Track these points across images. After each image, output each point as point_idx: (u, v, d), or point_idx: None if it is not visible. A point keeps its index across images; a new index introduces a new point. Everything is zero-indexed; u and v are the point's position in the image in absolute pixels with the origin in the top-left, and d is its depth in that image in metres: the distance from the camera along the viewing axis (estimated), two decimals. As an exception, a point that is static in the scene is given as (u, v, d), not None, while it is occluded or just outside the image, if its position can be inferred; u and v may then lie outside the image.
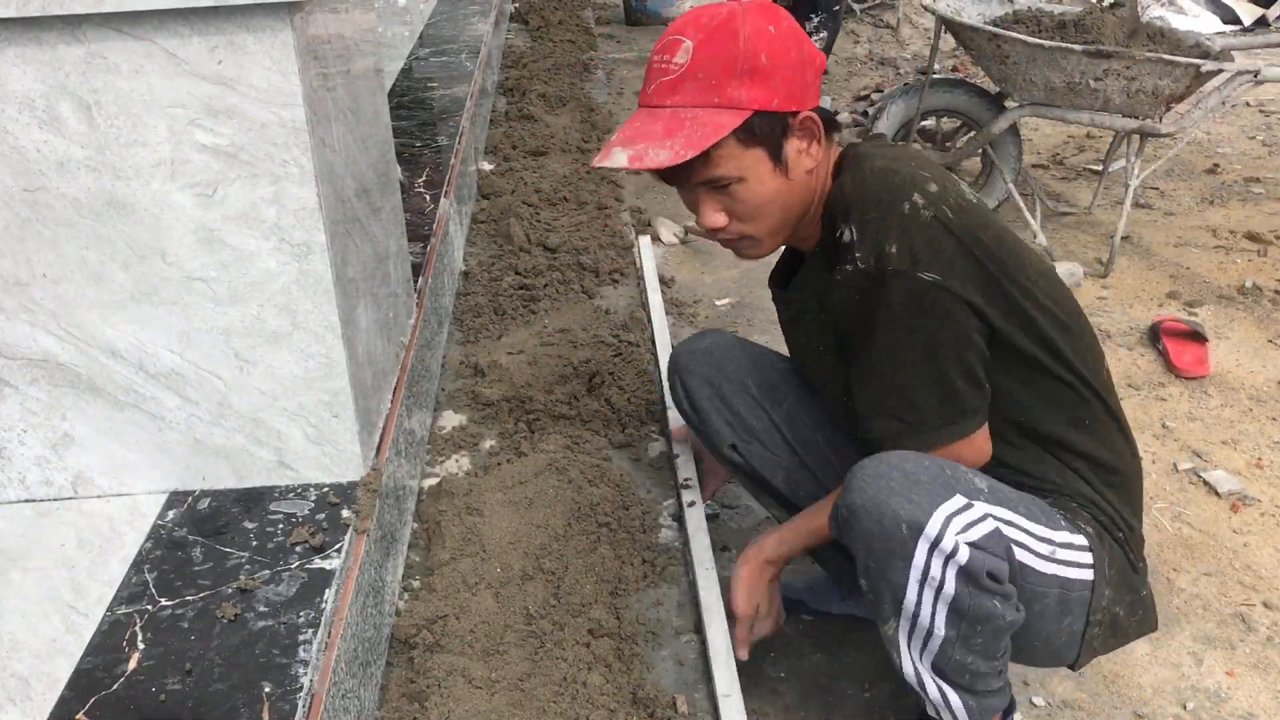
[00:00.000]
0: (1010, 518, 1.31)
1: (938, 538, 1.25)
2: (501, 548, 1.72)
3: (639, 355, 2.30)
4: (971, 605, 1.26)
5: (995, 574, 1.26)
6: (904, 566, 1.27)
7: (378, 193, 1.73)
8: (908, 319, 1.28)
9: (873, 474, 1.30)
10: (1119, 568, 1.39)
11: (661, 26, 6.30)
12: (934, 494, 1.27)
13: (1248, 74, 2.83)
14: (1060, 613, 1.35)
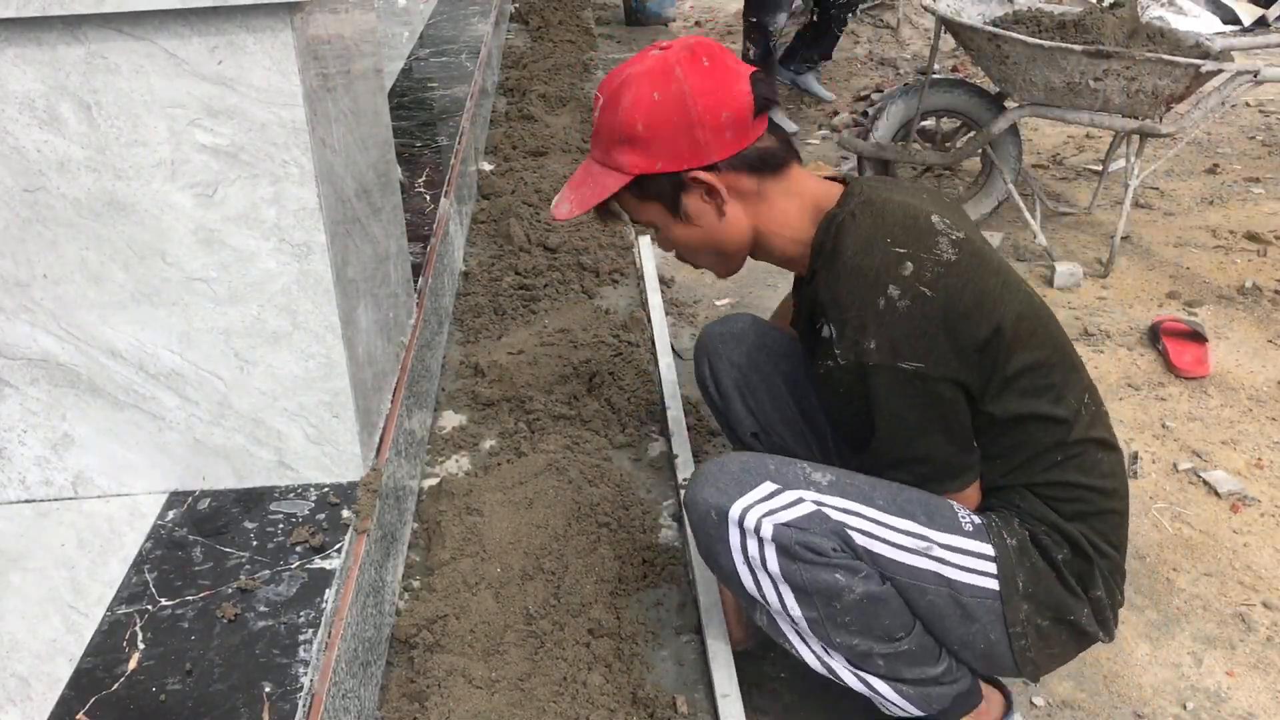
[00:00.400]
0: (850, 506, 1.34)
1: (741, 518, 1.32)
2: (501, 548, 1.72)
3: (639, 355, 2.30)
4: (808, 580, 1.30)
5: (812, 547, 1.29)
6: (726, 550, 1.34)
7: (378, 193, 1.73)
8: (894, 403, 1.31)
9: (698, 472, 1.40)
10: (1043, 587, 1.37)
11: (662, 27, 6.30)
12: (742, 482, 1.35)
13: (1248, 74, 2.83)
14: (961, 616, 1.35)
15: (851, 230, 1.34)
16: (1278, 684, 1.75)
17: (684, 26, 6.60)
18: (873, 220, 1.35)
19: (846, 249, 1.33)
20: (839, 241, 1.34)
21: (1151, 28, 3.10)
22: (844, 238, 1.34)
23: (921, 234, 1.33)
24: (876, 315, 1.28)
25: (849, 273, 1.31)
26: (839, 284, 1.32)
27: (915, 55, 5.48)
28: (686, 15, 6.81)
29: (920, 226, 1.34)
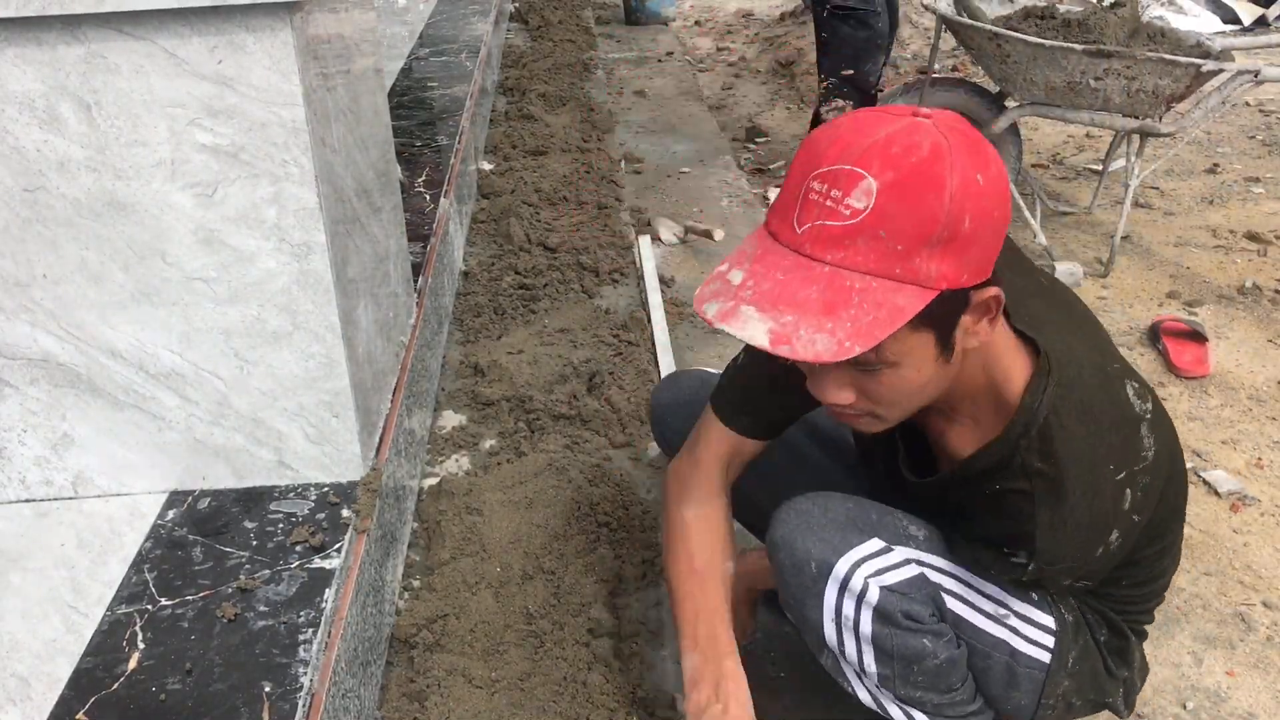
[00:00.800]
0: (947, 568, 1.28)
1: (846, 578, 1.23)
2: (501, 547, 1.72)
3: (639, 355, 2.30)
4: (896, 645, 1.25)
5: (912, 615, 1.24)
6: (817, 605, 1.26)
7: (378, 192, 1.73)
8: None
9: (796, 510, 1.29)
10: (1090, 667, 1.34)
11: (662, 26, 6.29)
12: (848, 535, 1.25)
13: (1248, 74, 2.83)
14: (1007, 683, 1.31)
15: (1068, 448, 1.11)
16: (1278, 683, 1.75)
17: (683, 26, 6.60)
18: (1085, 430, 1.12)
19: (1072, 490, 1.11)
20: (1056, 465, 1.11)
21: (1152, 27, 3.10)
22: (1062, 465, 1.11)
23: (1130, 435, 1.15)
24: (1090, 560, 1.17)
25: (1076, 528, 1.13)
26: (1061, 538, 1.13)
27: (915, 55, 5.48)
28: (686, 15, 6.81)
29: (1127, 418, 1.15)
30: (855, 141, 1.01)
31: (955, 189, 0.98)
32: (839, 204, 1.00)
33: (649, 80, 5.19)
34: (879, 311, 1.00)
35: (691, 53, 5.92)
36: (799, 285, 1.02)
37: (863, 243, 1.00)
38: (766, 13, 6.64)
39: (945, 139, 1.01)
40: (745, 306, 1.03)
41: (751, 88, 5.36)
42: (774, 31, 6.14)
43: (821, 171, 1.02)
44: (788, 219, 1.05)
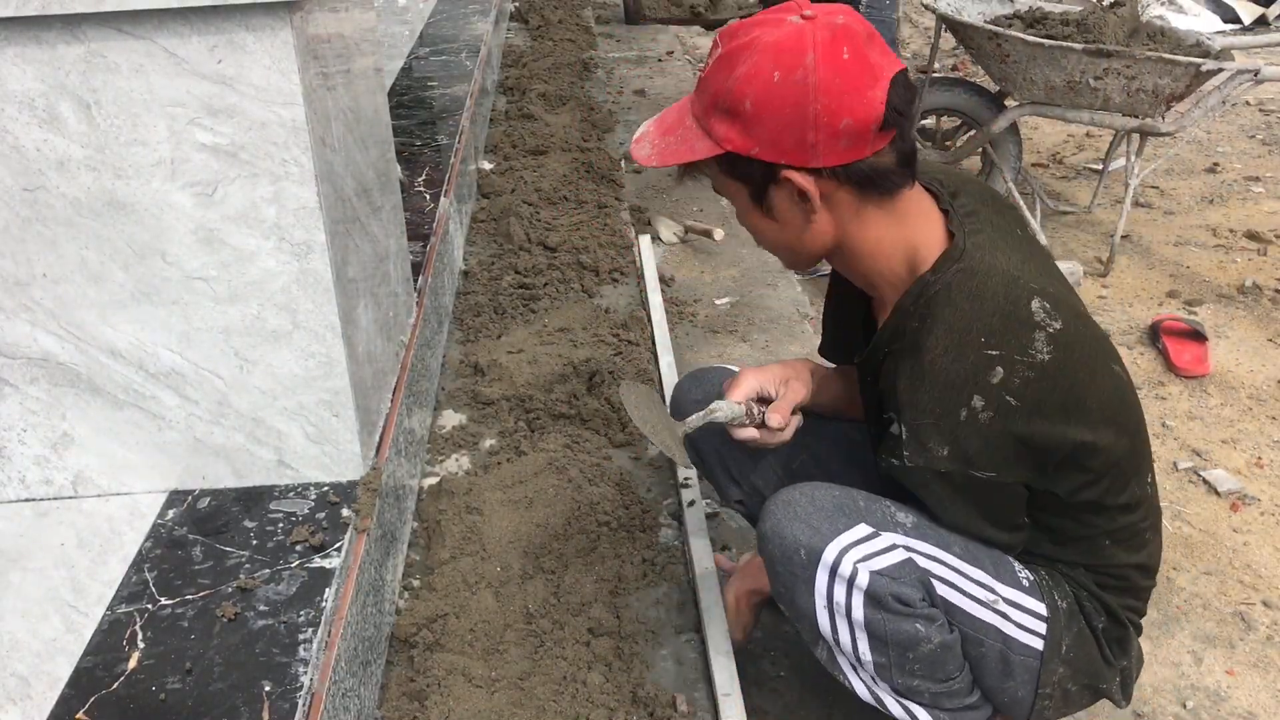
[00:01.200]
0: (934, 553, 1.30)
1: (835, 563, 1.26)
2: (501, 547, 1.72)
3: (639, 355, 2.30)
4: (890, 630, 1.26)
5: (902, 599, 1.26)
6: (808, 592, 1.28)
7: (378, 192, 1.73)
8: (958, 502, 1.28)
9: (783, 500, 1.32)
10: (1084, 654, 1.35)
11: (662, 26, 6.30)
12: (835, 522, 1.28)
13: (1248, 73, 2.83)
14: (1002, 672, 1.32)
15: (944, 315, 1.21)
16: (1278, 683, 1.75)
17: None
18: (969, 305, 1.20)
19: (934, 344, 1.20)
20: (927, 326, 1.21)
21: (1152, 26, 3.10)
22: (933, 324, 1.21)
23: (1018, 328, 1.20)
24: (955, 425, 1.20)
25: (933, 377, 1.20)
26: (919, 386, 1.21)
27: (915, 54, 5.48)
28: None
29: (1019, 317, 1.20)
30: (744, 21, 1.25)
31: (740, 74, 1.19)
32: (705, 60, 1.27)
33: (649, 80, 5.19)
34: (682, 145, 1.26)
35: (691, 52, 5.92)
36: (674, 109, 1.31)
37: (698, 93, 1.27)
38: (766, 12, 6.64)
39: (774, 35, 1.19)
40: (648, 123, 1.33)
41: (751, 87, 5.35)
42: (774, 31, 6.13)
43: (723, 29, 1.28)
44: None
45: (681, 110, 1.30)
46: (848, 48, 1.18)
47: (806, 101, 1.17)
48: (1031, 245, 1.33)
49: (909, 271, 1.27)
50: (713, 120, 1.23)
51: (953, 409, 1.20)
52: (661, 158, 1.27)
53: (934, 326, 1.20)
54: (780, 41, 1.18)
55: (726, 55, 1.21)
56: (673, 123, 1.29)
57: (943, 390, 1.20)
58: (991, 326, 1.20)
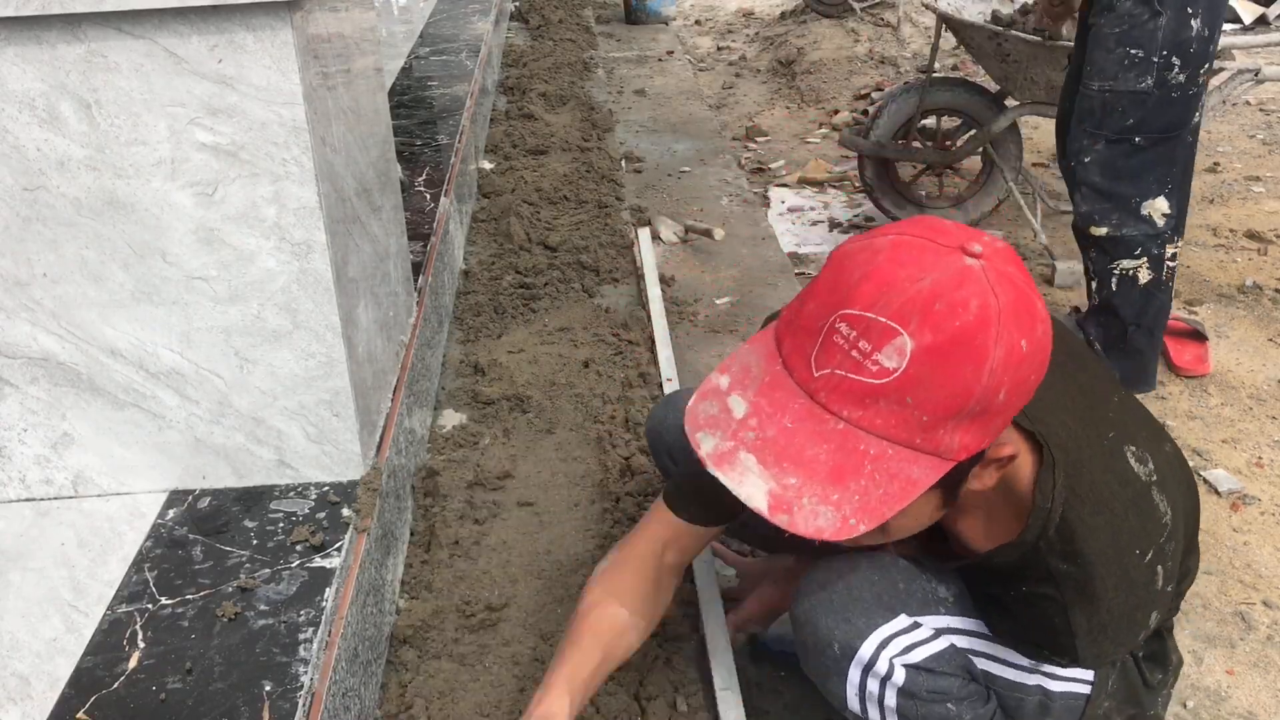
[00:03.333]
0: (977, 628, 1.25)
1: (871, 661, 1.20)
2: (501, 547, 1.71)
3: (639, 354, 2.30)
4: (921, 714, 1.23)
5: (939, 690, 1.22)
6: (840, 683, 1.23)
7: (378, 192, 1.73)
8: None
9: (818, 583, 1.25)
10: (1127, 683, 1.31)
11: (662, 26, 6.29)
12: (873, 616, 1.21)
13: (1248, 73, 2.83)
14: (1039, 713, 1.29)
15: (1090, 545, 1.06)
16: (1278, 683, 1.75)
17: (683, 25, 6.60)
18: (1103, 521, 1.07)
19: (1103, 588, 1.06)
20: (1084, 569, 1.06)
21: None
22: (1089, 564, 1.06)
23: (1145, 507, 1.09)
24: (1134, 640, 1.17)
25: (1115, 624, 1.10)
26: (1104, 638, 1.10)
27: (916, 54, 5.48)
28: (686, 14, 6.81)
29: (1137, 491, 1.09)
30: (894, 285, 0.91)
31: (997, 362, 0.90)
32: (866, 358, 0.91)
33: (649, 79, 5.19)
34: (890, 485, 0.92)
35: (691, 52, 5.92)
36: (807, 441, 0.93)
37: (885, 406, 0.91)
38: (766, 12, 6.64)
39: (995, 295, 0.90)
40: (745, 454, 0.95)
41: (751, 87, 5.36)
42: (774, 31, 6.14)
43: (851, 314, 0.92)
44: (804, 355, 0.95)
45: (835, 439, 0.93)
46: (1021, 272, 0.95)
47: (1045, 362, 0.95)
48: (1070, 359, 1.17)
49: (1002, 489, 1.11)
50: (944, 431, 0.92)
51: (1135, 636, 1.16)
52: (871, 514, 0.92)
53: (1091, 566, 1.06)
54: (1011, 302, 0.91)
55: (950, 344, 0.89)
56: (836, 461, 0.93)
57: (1126, 628, 1.12)
58: (1133, 528, 1.08)
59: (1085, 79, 2.09)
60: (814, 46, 5.61)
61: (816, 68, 5.33)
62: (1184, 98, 2.04)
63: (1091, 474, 1.08)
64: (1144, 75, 2.01)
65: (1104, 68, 2.04)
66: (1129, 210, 2.11)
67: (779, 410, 0.95)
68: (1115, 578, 1.07)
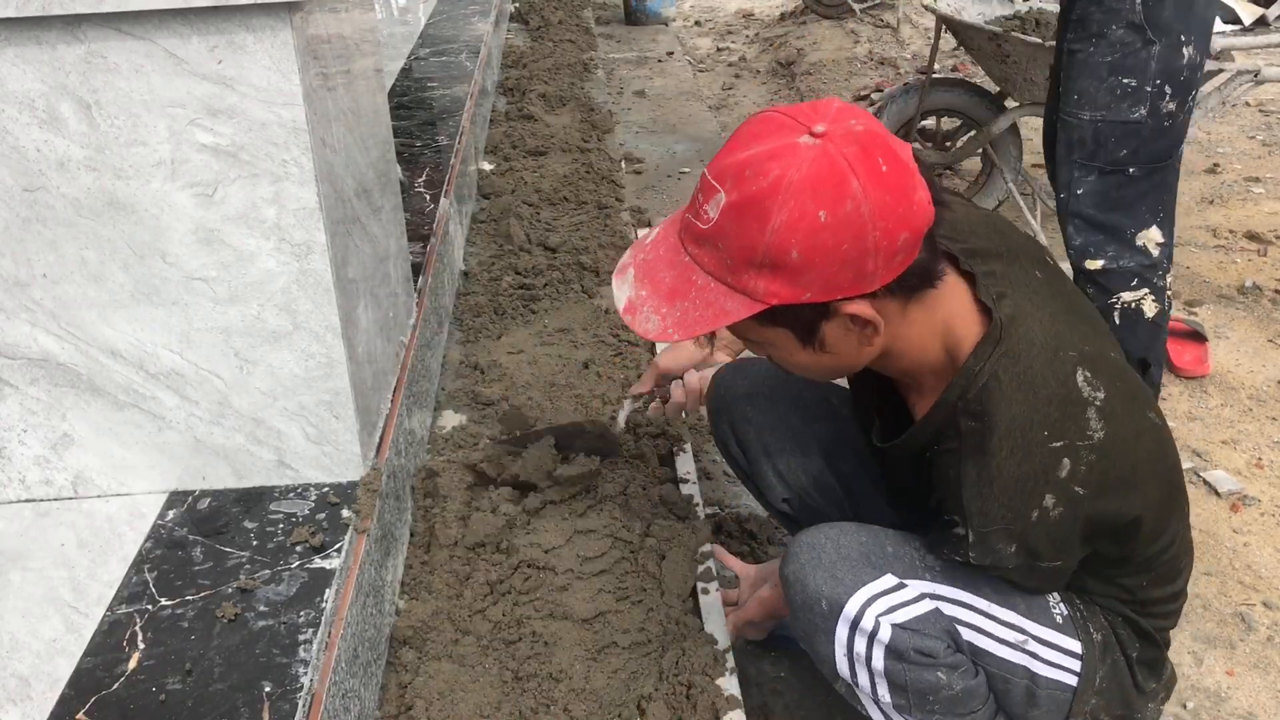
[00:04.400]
0: (963, 598, 1.28)
1: (857, 618, 1.24)
2: (501, 547, 1.71)
3: (639, 355, 2.30)
4: (910, 679, 1.25)
5: (925, 650, 1.24)
6: (828, 641, 1.27)
7: (378, 192, 1.73)
8: (1013, 578, 1.26)
9: (807, 544, 1.30)
10: (1118, 684, 1.33)
11: (662, 26, 6.30)
12: (860, 572, 1.26)
13: (1248, 74, 2.83)
14: (1027, 703, 1.30)
15: (1001, 412, 1.15)
16: (1278, 683, 1.75)
17: (683, 26, 6.60)
18: (1023, 397, 1.15)
19: (998, 447, 1.14)
20: (987, 426, 1.15)
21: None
22: (993, 424, 1.15)
23: (1074, 412, 1.16)
24: (1025, 527, 1.17)
25: (1002, 483, 1.15)
26: (988, 494, 1.16)
27: (915, 55, 5.48)
28: (686, 15, 6.81)
29: (1071, 399, 1.16)
30: (732, 153, 1.10)
31: (781, 223, 1.05)
32: (701, 208, 1.11)
33: (649, 80, 5.19)
34: (706, 310, 1.11)
35: (691, 53, 5.92)
36: (663, 266, 1.15)
37: (709, 248, 1.11)
38: (766, 13, 6.65)
39: (799, 169, 1.04)
40: (631, 269, 1.18)
41: (751, 88, 5.36)
42: (774, 31, 6.14)
43: (706, 173, 1.12)
44: (689, 205, 1.15)
45: (680, 267, 1.14)
46: (881, 156, 1.06)
47: (865, 233, 1.05)
48: (1053, 282, 1.28)
49: (948, 358, 1.21)
50: (745, 277, 1.09)
51: (1024, 513, 1.16)
52: (685, 329, 1.11)
53: (994, 426, 1.15)
54: (813, 175, 1.04)
55: (744, 204, 1.06)
56: (674, 284, 1.13)
57: (1013, 496, 1.15)
58: (1050, 418, 1.15)
59: (1072, 108, 2.00)
60: (814, 47, 5.61)
61: (816, 69, 5.33)
62: (1175, 125, 1.99)
63: (1032, 363, 1.16)
64: (1137, 105, 1.95)
65: (1095, 98, 1.97)
66: (1124, 241, 2.07)
67: (660, 241, 1.18)
68: (1012, 442, 1.14)
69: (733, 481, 2.18)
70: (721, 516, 2.01)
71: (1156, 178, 2.02)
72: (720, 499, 2.12)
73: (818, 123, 1.07)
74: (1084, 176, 2.03)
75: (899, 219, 1.07)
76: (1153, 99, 1.93)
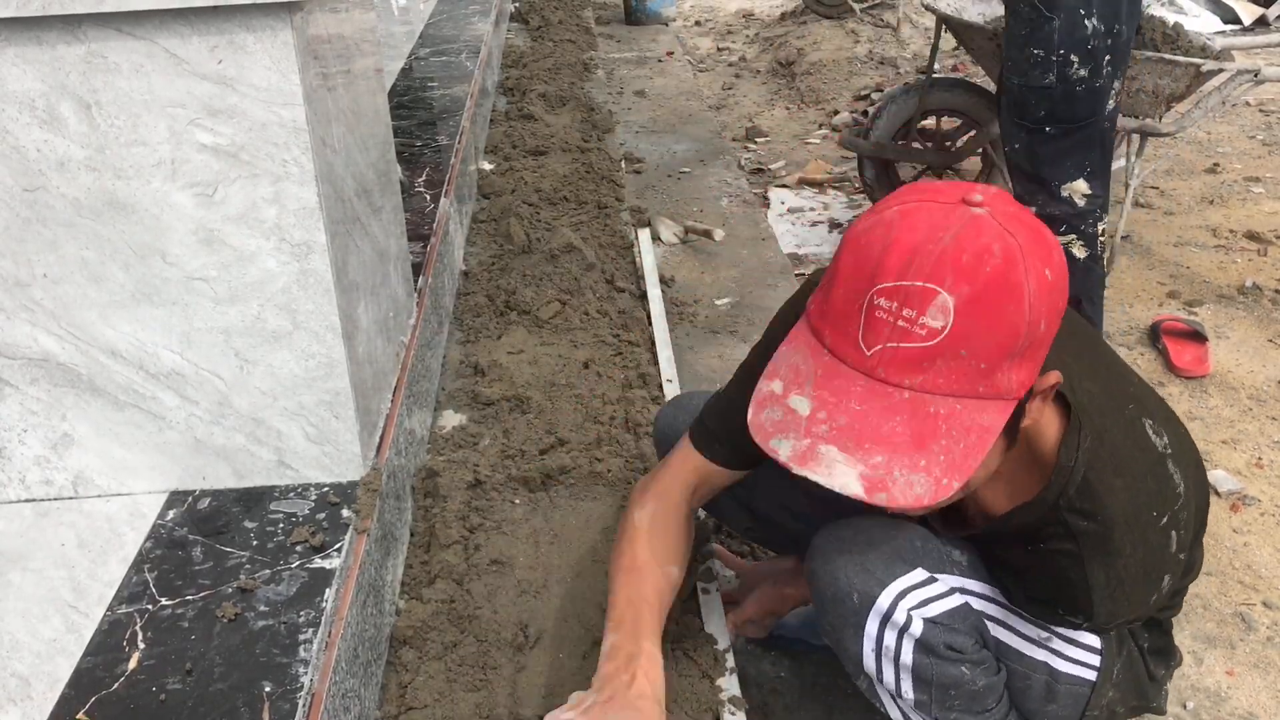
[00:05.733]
0: (990, 594, 1.27)
1: (889, 611, 1.22)
2: (501, 547, 1.71)
3: (639, 355, 2.30)
4: (936, 673, 1.24)
5: (955, 646, 1.24)
6: (857, 635, 1.25)
7: (378, 192, 1.73)
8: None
9: (836, 538, 1.27)
10: (1133, 675, 1.33)
11: (662, 26, 6.29)
12: (892, 566, 1.23)
13: (1248, 74, 2.83)
14: (1045, 698, 1.30)
15: (1110, 507, 1.09)
16: (1278, 683, 1.75)
17: (683, 26, 6.60)
18: (1123, 483, 1.10)
19: (1122, 544, 1.09)
20: (1103, 526, 1.09)
21: (1165, 23, 3.09)
22: (1108, 522, 1.08)
23: (1162, 475, 1.12)
24: (1146, 611, 1.18)
25: (1132, 581, 1.11)
26: (1120, 596, 1.11)
27: (915, 55, 5.48)
28: (686, 15, 6.81)
29: (1154, 459, 1.12)
30: (919, 249, 0.95)
31: (1033, 294, 0.94)
32: (913, 324, 0.94)
33: (649, 80, 5.19)
34: (968, 437, 0.95)
35: (691, 53, 5.92)
36: (880, 417, 0.96)
37: (943, 364, 0.94)
38: (766, 13, 6.65)
39: (1011, 235, 0.95)
40: (824, 446, 0.97)
41: (751, 88, 5.36)
42: (774, 31, 6.14)
43: (886, 287, 0.95)
44: (851, 337, 0.97)
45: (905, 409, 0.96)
46: (1021, 209, 1.01)
47: (1066, 287, 1.00)
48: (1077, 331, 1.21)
49: (1025, 444, 1.13)
50: (1002, 373, 0.96)
51: (1149, 598, 1.15)
52: (959, 470, 0.96)
53: (1112, 523, 1.09)
54: (1024, 235, 0.96)
55: (986, 290, 0.93)
56: (914, 429, 0.96)
57: (1141, 590, 1.13)
58: (1151, 491, 1.11)
59: (1007, 73, 2.29)
60: (814, 47, 5.61)
61: (816, 69, 5.33)
62: (1090, 90, 2.19)
63: (1114, 439, 1.11)
64: (1046, 72, 2.18)
65: (1018, 64, 2.23)
66: (1050, 192, 2.29)
67: (843, 397, 0.97)
68: (1133, 536, 1.09)
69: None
70: (721, 516, 2.01)
71: (1079, 135, 2.25)
72: (720, 499, 2.12)
73: (958, 194, 0.99)
74: (1017, 134, 2.31)
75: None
76: (1059, 67, 2.17)
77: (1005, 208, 0.98)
